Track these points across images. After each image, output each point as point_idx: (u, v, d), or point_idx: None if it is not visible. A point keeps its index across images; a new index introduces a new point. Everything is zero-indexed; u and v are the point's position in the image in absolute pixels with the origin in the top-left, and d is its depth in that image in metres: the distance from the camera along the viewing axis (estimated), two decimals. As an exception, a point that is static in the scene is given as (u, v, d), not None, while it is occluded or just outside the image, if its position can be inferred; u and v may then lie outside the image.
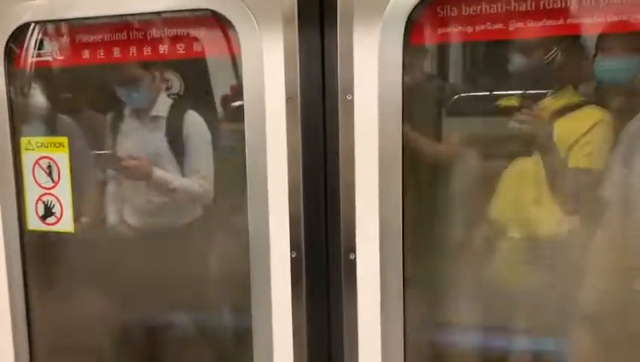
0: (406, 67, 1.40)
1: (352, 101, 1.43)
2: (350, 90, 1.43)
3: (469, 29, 1.41)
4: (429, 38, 1.47)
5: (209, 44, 1.58)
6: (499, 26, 1.39)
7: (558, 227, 1.65)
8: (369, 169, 1.44)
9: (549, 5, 1.38)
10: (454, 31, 1.44)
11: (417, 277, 1.59)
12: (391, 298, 1.48)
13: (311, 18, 1.44)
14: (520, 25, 1.40)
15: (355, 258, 1.49)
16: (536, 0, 1.37)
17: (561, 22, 1.39)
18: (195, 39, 1.58)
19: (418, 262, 1.59)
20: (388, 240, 1.46)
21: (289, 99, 1.45)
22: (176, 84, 2.07)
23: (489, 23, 1.40)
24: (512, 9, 1.39)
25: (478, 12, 1.41)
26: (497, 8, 1.40)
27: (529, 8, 1.38)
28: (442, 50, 1.62)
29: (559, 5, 1.37)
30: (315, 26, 1.45)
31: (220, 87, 1.86)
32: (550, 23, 1.39)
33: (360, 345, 1.50)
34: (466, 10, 1.41)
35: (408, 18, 1.37)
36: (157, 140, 2.10)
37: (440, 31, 1.44)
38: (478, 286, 1.76)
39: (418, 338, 1.66)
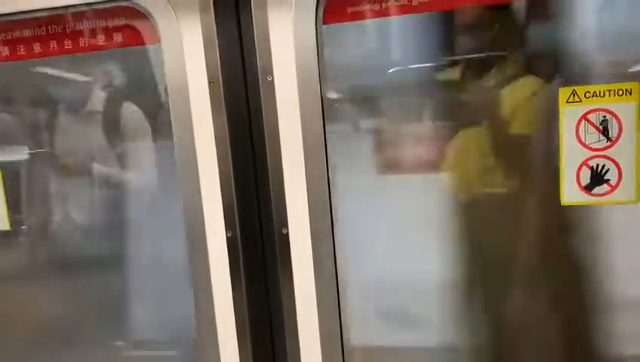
0: (321, 46, 1.46)
1: (272, 82, 1.49)
2: (270, 71, 1.48)
3: (377, 7, 1.48)
4: (341, 16, 1.53)
5: (129, 35, 1.60)
6: (403, 1, 1.47)
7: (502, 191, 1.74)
8: (294, 145, 1.50)
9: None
10: (365, 9, 1.51)
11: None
12: (324, 267, 1.55)
13: (226, 3, 1.49)
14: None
15: (287, 232, 1.56)
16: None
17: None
18: (115, 30, 1.60)
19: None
20: (317, 212, 1.53)
21: (211, 82, 1.50)
22: (110, 77, 2.08)
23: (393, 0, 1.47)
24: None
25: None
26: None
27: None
28: (359, 27, 1.68)
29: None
30: (231, 11, 1.49)
31: (151, 77, 1.88)
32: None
33: (298, 313, 1.58)
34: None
35: (318, -1, 1.44)
36: (94, 135, 2.11)
37: (350, 9, 1.50)
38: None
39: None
